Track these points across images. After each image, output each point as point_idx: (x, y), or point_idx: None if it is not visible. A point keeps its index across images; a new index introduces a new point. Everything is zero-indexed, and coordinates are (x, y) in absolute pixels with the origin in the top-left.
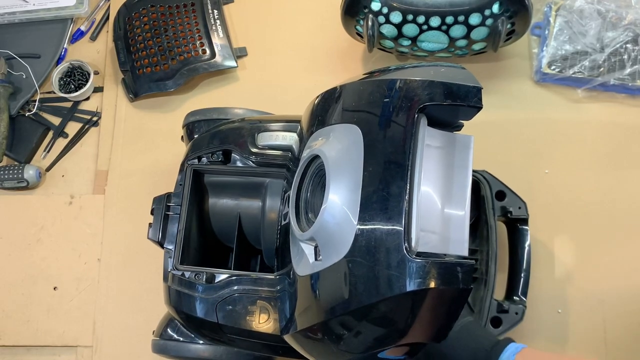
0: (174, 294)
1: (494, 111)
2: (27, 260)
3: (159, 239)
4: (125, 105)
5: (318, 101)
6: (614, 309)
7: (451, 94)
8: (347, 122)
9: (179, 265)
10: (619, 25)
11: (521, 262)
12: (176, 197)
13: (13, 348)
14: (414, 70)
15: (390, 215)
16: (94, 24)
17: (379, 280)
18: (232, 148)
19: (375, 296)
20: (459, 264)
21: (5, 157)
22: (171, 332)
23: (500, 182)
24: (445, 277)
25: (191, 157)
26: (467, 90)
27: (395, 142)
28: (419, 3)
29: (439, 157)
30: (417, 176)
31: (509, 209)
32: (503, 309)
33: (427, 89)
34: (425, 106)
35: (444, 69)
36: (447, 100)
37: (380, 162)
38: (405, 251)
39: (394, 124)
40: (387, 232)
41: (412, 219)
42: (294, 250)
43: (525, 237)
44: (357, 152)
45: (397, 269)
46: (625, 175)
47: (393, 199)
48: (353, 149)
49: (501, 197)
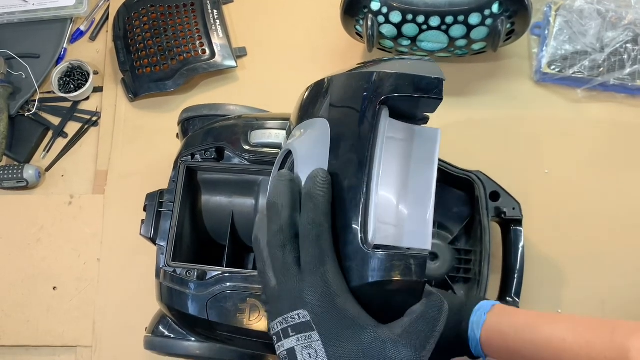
0: (165, 291)
1: (494, 111)
2: (27, 260)
3: (151, 236)
4: (125, 105)
5: (300, 97)
6: (615, 309)
7: (411, 86)
8: (320, 117)
9: (171, 262)
10: (619, 25)
11: (514, 263)
12: (169, 193)
13: (13, 348)
14: (385, 64)
15: (348, 207)
16: (94, 24)
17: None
18: (225, 145)
19: None
20: (412, 256)
21: (4, 157)
22: (163, 329)
23: (494, 183)
24: (399, 269)
25: (184, 154)
26: (428, 82)
27: (358, 135)
28: (418, 3)
29: (401, 149)
30: (377, 168)
31: (503, 210)
32: None
33: (387, 81)
34: (387, 98)
35: (410, 62)
36: (407, 92)
37: (342, 154)
38: (361, 243)
39: (357, 117)
40: (345, 224)
41: (369, 211)
42: None
43: (519, 238)
44: (323, 146)
45: (354, 261)
46: (626, 175)
47: (352, 191)
48: (320, 142)
49: (495, 197)
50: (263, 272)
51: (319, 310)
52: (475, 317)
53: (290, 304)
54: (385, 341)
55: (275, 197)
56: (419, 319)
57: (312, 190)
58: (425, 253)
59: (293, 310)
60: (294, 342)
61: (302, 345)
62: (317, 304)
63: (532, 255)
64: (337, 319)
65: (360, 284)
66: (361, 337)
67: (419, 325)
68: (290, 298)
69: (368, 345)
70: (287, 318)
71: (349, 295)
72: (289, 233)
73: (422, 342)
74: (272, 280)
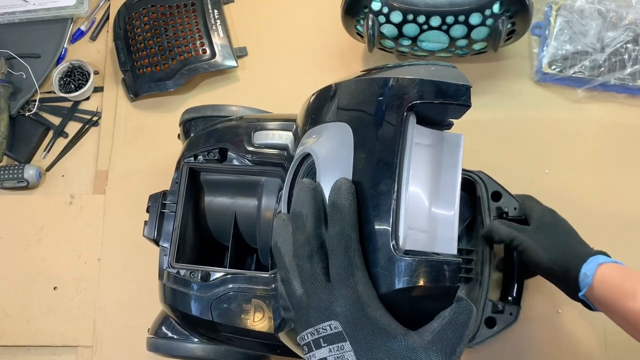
0: (169, 292)
1: (494, 111)
2: (27, 260)
3: (154, 237)
4: (126, 105)
5: (313, 99)
6: None
7: (440, 92)
8: (339, 121)
9: (174, 263)
10: (619, 25)
11: (516, 263)
12: (172, 195)
13: (13, 348)
14: (407, 69)
15: (378, 213)
16: (94, 24)
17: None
18: (228, 146)
19: None
20: (446, 262)
21: (5, 157)
22: (166, 330)
23: (496, 183)
24: (432, 275)
25: (187, 155)
26: (456, 89)
27: (384, 141)
28: (419, 3)
29: (428, 155)
30: (406, 174)
31: (504, 210)
32: (497, 310)
33: (416, 87)
34: (415, 104)
35: (434, 67)
36: (436, 98)
37: (368, 160)
38: (393, 249)
39: (383, 122)
40: (375, 230)
41: (399, 217)
42: None
43: None
44: (347, 151)
45: (385, 267)
46: (626, 175)
47: (381, 197)
48: (343, 147)
49: (497, 197)
50: (287, 281)
51: (350, 321)
52: (587, 268)
53: (320, 315)
54: (416, 349)
55: (300, 206)
56: (449, 324)
57: (338, 200)
58: (459, 259)
59: (325, 321)
60: (326, 353)
61: (335, 356)
62: (348, 315)
63: None
64: (368, 328)
65: (390, 290)
66: (392, 346)
67: (449, 331)
68: (320, 309)
69: (399, 353)
70: (318, 329)
71: (378, 304)
72: (315, 244)
73: (452, 347)
74: (298, 290)
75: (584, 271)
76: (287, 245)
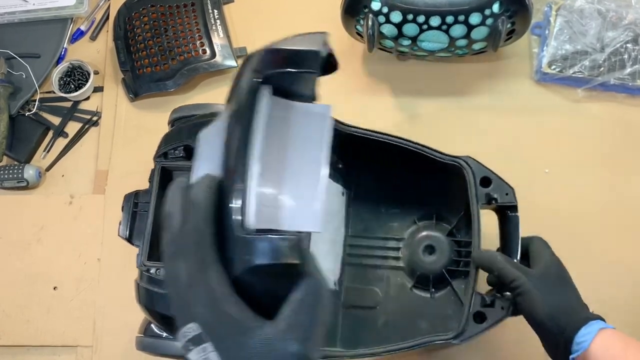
0: (143, 292)
1: (494, 111)
2: (27, 260)
3: (127, 236)
4: (126, 105)
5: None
6: (615, 309)
7: (287, 60)
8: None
9: (146, 261)
10: (619, 25)
11: (511, 251)
12: (145, 194)
13: (13, 348)
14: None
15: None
16: (94, 24)
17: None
18: (192, 143)
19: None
20: (284, 238)
21: (5, 156)
22: (154, 329)
23: (485, 168)
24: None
25: (158, 153)
26: (303, 56)
27: (240, 116)
28: (419, 3)
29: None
30: (257, 149)
31: (493, 196)
32: (486, 303)
33: (267, 56)
34: (266, 76)
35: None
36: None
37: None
38: (240, 230)
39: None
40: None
41: (248, 195)
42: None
43: (516, 224)
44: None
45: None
46: (626, 175)
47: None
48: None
49: (487, 183)
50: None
51: (207, 321)
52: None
53: (183, 318)
54: (271, 340)
55: (168, 205)
56: (299, 308)
57: (194, 196)
58: (297, 235)
59: (186, 323)
60: (195, 356)
61: (202, 358)
62: (204, 314)
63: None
64: (225, 325)
65: (237, 274)
66: (249, 341)
67: (300, 315)
68: (182, 311)
69: (257, 347)
70: (184, 333)
71: (233, 298)
72: (179, 243)
73: (307, 332)
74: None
75: (582, 334)
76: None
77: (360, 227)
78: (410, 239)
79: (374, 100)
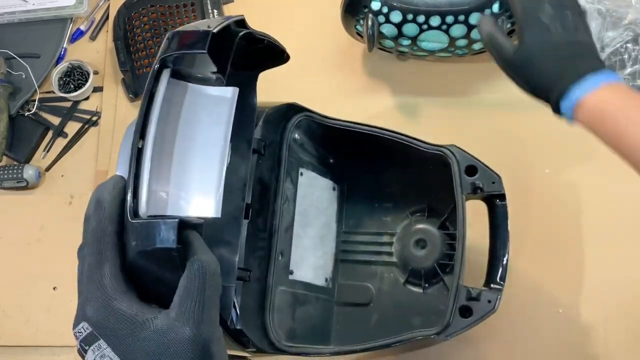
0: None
1: (494, 111)
2: (27, 260)
3: None
4: (125, 105)
5: None
6: (615, 309)
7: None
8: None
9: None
10: (619, 24)
11: (500, 241)
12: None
13: (13, 348)
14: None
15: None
16: (94, 24)
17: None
18: None
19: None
20: (163, 223)
21: (4, 156)
22: None
23: (470, 157)
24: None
25: None
26: (194, 38)
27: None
28: (419, 2)
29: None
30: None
31: (479, 185)
32: (472, 297)
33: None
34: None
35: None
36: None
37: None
38: (130, 216)
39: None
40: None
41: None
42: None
43: (504, 213)
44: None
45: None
46: (626, 175)
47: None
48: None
49: (472, 172)
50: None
51: (98, 318)
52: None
53: (77, 318)
54: (164, 330)
55: (87, 209)
56: (186, 294)
57: (100, 195)
58: (175, 220)
59: (78, 324)
60: (91, 356)
61: (98, 356)
62: (97, 312)
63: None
64: (118, 322)
65: (127, 262)
66: (143, 334)
67: (188, 301)
68: (78, 311)
69: (151, 339)
70: (76, 333)
71: (125, 294)
72: (85, 243)
73: (198, 316)
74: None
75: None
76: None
77: (353, 223)
78: (403, 233)
79: (374, 100)
